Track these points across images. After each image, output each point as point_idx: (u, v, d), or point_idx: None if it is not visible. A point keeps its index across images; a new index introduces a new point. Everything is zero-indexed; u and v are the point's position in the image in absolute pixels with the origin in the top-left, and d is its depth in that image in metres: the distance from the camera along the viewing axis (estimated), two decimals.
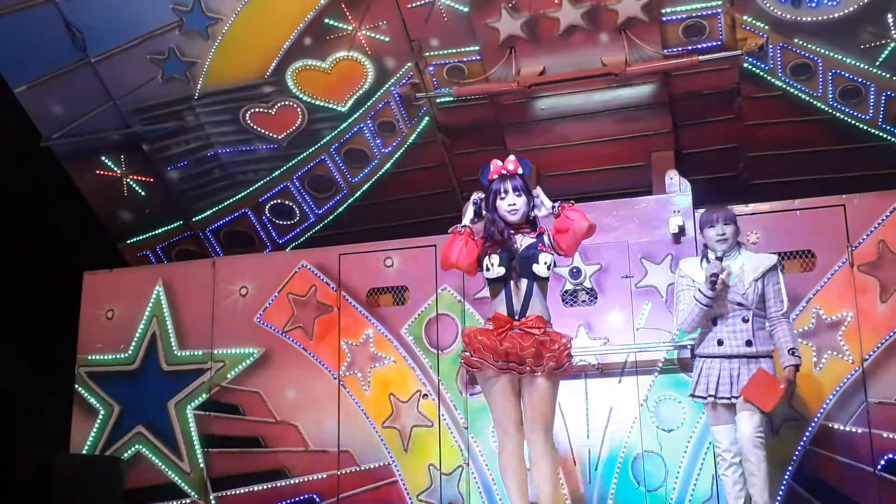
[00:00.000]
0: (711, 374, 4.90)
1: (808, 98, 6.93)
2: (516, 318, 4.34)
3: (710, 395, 4.88)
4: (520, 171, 4.49)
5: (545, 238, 4.47)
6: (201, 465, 6.60)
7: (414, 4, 6.87)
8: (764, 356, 4.89)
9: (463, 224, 4.50)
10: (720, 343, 4.90)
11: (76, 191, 7.89)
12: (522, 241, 4.45)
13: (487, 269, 4.39)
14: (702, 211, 5.23)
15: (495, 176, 4.50)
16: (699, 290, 4.91)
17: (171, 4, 6.97)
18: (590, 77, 6.89)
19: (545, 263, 4.37)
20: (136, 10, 6.98)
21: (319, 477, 6.36)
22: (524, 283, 4.37)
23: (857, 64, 6.66)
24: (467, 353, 4.38)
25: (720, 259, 4.90)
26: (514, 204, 4.44)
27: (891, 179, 6.34)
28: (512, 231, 4.46)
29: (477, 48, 7.01)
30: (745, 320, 4.88)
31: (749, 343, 4.86)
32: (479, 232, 4.50)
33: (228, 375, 6.69)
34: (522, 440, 4.35)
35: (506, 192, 4.46)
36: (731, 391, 4.83)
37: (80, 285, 7.17)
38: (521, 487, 4.32)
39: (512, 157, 4.51)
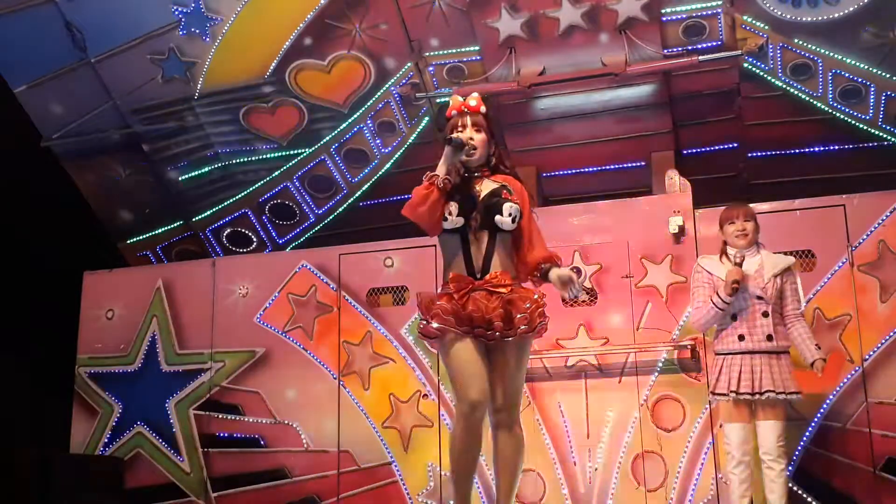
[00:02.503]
0: (733, 370, 4.91)
1: (808, 98, 6.93)
2: (478, 276, 3.76)
3: (732, 392, 4.88)
4: (483, 109, 3.94)
5: (510, 188, 3.87)
6: (201, 465, 6.60)
7: (414, 4, 6.87)
8: (783, 351, 4.94)
9: (437, 174, 3.77)
10: (741, 338, 4.92)
11: (76, 191, 7.89)
12: (483, 185, 3.86)
13: (445, 219, 3.77)
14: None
15: (454, 112, 3.95)
16: (717, 293, 4.95)
17: (171, 4, 6.98)
18: (590, 77, 6.88)
19: (510, 215, 3.75)
20: (136, 10, 6.99)
21: (319, 477, 6.36)
22: (485, 235, 3.78)
23: (857, 64, 6.66)
24: (424, 322, 3.81)
25: (740, 265, 4.94)
26: (472, 139, 3.85)
27: (891, 179, 6.33)
28: (476, 175, 3.88)
29: (477, 48, 7.01)
30: (765, 315, 4.92)
31: (770, 338, 4.90)
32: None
33: (228, 375, 6.69)
34: (484, 417, 3.73)
35: (463, 126, 3.89)
36: (753, 387, 4.84)
37: (80, 285, 7.17)
38: (472, 478, 3.76)
39: (475, 94, 3.99)
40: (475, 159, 3.87)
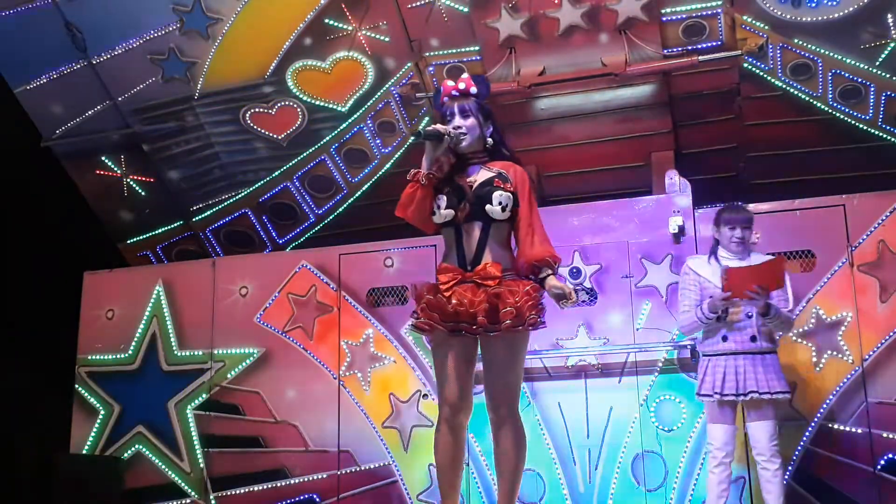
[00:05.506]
0: (717, 371, 4.90)
1: (808, 98, 6.92)
2: (468, 268, 3.68)
3: (716, 393, 4.87)
4: (473, 90, 3.83)
5: (507, 175, 3.76)
6: (201, 465, 6.61)
7: (414, 4, 6.88)
8: (768, 352, 4.92)
9: (420, 171, 3.74)
10: (724, 339, 4.92)
11: (76, 191, 7.89)
12: (478, 175, 3.78)
13: (434, 213, 3.73)
14: (715, 207, 5.24)
15: (445, 98, 3.84)
16: (700, 309, 4.94)
17: (171, 4, 6.98)
18: (590, 77, 6.88)
19: (500, 204, 3.66)
20: (136, 10, 6.99)
21: (319, 477, 6.36)
22: (477, 226, 3.70)
23: (857, 64, 6.66)
24: (415, 316, 3.76)
25: (724, 317, 4.90)
26: (460, 127, 3.75)
27: (891, 179, 6.34)
28: (471, 162, 3.79)
29: (477, 48, 7.01)
30: (749, 316, 4.90)
31: (753, 339, 4.89)
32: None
33: (228, 375, 6.69)
34: (466, 421, 3.76)
35: (452, 114, 3.79)
36: (736, 388, 4.83)
37: (80, 285, 7.18)
38: (456, 479, 3.75)
39: (465, 76, 3.88)
40: (466, 146, 3.78)
